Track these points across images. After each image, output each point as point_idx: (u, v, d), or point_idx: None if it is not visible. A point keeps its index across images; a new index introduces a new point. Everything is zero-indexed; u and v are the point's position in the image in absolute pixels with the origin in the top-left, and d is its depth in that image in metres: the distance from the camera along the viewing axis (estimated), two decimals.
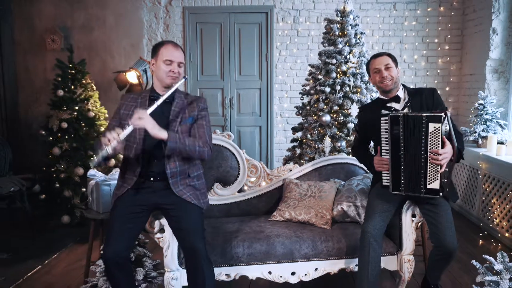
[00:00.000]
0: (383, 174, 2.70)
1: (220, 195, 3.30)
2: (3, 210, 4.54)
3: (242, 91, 6.01)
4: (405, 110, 2.74)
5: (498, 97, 5.09)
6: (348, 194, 3.12)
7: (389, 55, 2.80)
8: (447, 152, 2.48)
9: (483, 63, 5.21)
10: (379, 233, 2.69)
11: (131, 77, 5.09)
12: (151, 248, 3.09)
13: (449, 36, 5.84)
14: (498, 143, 4.60)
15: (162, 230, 2.62)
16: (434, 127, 2.47)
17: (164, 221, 2.59)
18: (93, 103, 4.68)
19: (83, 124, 4.52)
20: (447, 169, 2.56)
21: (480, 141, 4.86)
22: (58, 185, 4.40)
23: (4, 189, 4.05)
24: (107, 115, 4.84)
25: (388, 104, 2.79)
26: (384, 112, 2.69)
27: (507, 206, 4.10)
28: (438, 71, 5.91)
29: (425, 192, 2.56)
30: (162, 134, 2.35)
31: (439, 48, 5.87)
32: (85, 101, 4.59)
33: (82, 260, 3.68)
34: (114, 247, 2.35)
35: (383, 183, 2.71)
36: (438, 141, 2.48)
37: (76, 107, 4.50)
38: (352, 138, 4.04)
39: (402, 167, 2.59)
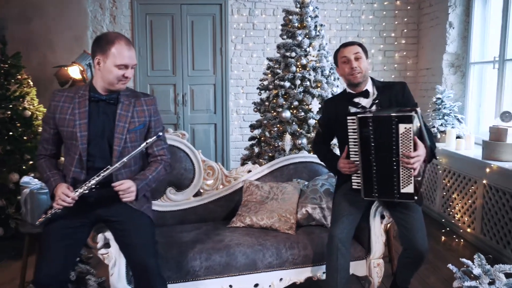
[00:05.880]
0: (352, 177, 2.50)
1: (173, 201, 3.00)
2: None
3: (196, 87, 5.69)
4: (373, 108, 2.55)
5: (455, 91, 5.07)
6: (313, 195, 2.92)
7: (360, 44, 2.60)
8: (420, 154, 2.30)
9: (440, 57, 5.19)
10: (347, 238, 2.49)
11: (74, 72, 4.67)
12: (95, 264, 2.75)
13: (405, 30, 5.79)
14: (456, 137, 4.57)
15: (107, 244, 2.30)
16: (405, 128, 2.27)
17: (109, 234, 2.27)
18: (30, 101, 4.22)
19: (18, 125, 4.05)
20: (421, 172, 2.41)
21: (438, 135, 4.81)
22: None
23: None
24: None
25: (356, 99, 2.58)
26: (352, 109, 2.49)
27: (469, 201, 4.05)
28: (395, 65, 5.86)
29: (399, 197, 2.38)
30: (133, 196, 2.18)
31: (396, 42, 5.81)
32: (21, 99, 4.12)
33: (17, 279, 3.27)
34: (47, 271, 2.01)
35: (354, 187, 2.50)
36: (410, 142, 2.28)
37: (10, 106, 4.04)
38: (313, 135, 3.85)
39: (374, 171, 2.38)
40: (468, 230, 4.04)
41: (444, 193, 4.48)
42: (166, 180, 2.94)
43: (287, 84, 3.89)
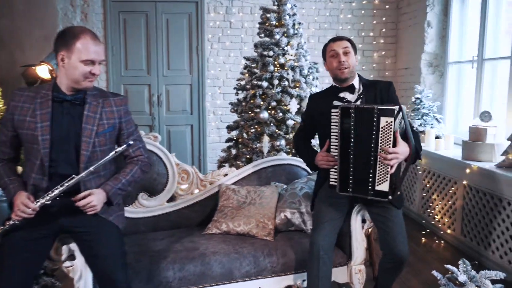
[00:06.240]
0: (331, 173, 2.40)
1: (146, 207, 2.85)
2: None
3: (171, 87, 5.54)
4: (358, 102, 2.47)
5: (433, 91, 5.04)
6: (292, 199, 2.81)
7: (349, 40, 2.51)
8: (399, 152, 2.22)
9: (418, 57, 5.15)
10: (329, 245, 2.40)
11: (42, 71, 4.46)
12: (60, 277, 2.58)
13: (384, 30, 5.75)
14: (435, 137, 4.53)
15: (72, 256, 2.15)
16: (386, 122, 2.20)
17: (74, 245, 2.11)
18: None
19: None
20: (401, 169, 2.33)
21: None
22: None
23: None
24: None
25: (341, 94, 2.50)
26: (336, 103, 2.40)
27: (449, 202, 4.01)
28: (374, 65, 5.81)
29: (373, 194, 2.30)
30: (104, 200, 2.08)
31: (374, 42, 5.76)
32: None
33: None
34: (6, 285, 1.85)
35: (331, 183, 2.41)
36: (390, 137, 2.21)
37: None
38: (292, 136, 3.75)
39: (351, 165, 2.31)
40: (448, 231, 4.00)
41: (424, 194, 4.44)
42: (138, 185, 2.78)
43: (265, 84, 3.78)
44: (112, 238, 2.07)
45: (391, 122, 2.19)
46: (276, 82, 3.76)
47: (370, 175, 2.27)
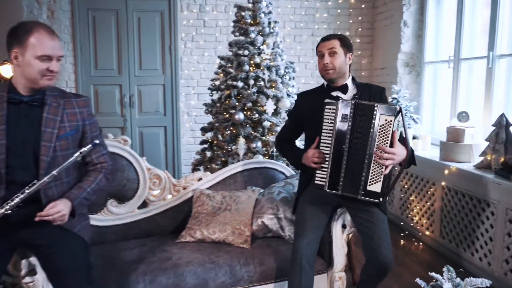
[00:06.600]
0: (317, 172, 2.30)
1: (115, 214, 2.69)
2: None
3: (144, 87, 5.34)
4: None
5: (410, 91, 5.01)
6: (269, 204, 2.69)
7: (340, 38, 2.41)
8: (396, 153, 2.14)
9: (395, 57, 5.12)
10: (312, 253, 2.31)
11: (6, 71, 4.25)
12: None
13: (360, 29, 5.70)
14: (412, 138, 4.49)
15: (32, 271, 1.98)
16: (386, 120, 2.13)
17: (35, 259, 1.95)
18: None
19: None
20: (395, 172, 2.26)
21: None
22: None
23: None
24: None
25: (334, 93, 2.41)
26: (329, 100, 2.30)
27: (427, 203, 3.97)
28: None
29: (364, 194, 2.21)
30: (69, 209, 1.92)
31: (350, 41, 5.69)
32: None
33: None
34: None
35: (316, 181, 2.30)
36: (388, 137, 2.14)
37: None
38: (268, 138, 3.63)
39: (344, 162, 2.21)
40: (427, 233, 3.96)
41: (402, 195, 4.40)
42: (107, 191, 2.62)
43: (240, 84, 3.66)
44: (76, 251, 1.92)
45: (391, 121, 2.13)
46: (251, 82, 3.64)
47: (363, 175, 2.19)
